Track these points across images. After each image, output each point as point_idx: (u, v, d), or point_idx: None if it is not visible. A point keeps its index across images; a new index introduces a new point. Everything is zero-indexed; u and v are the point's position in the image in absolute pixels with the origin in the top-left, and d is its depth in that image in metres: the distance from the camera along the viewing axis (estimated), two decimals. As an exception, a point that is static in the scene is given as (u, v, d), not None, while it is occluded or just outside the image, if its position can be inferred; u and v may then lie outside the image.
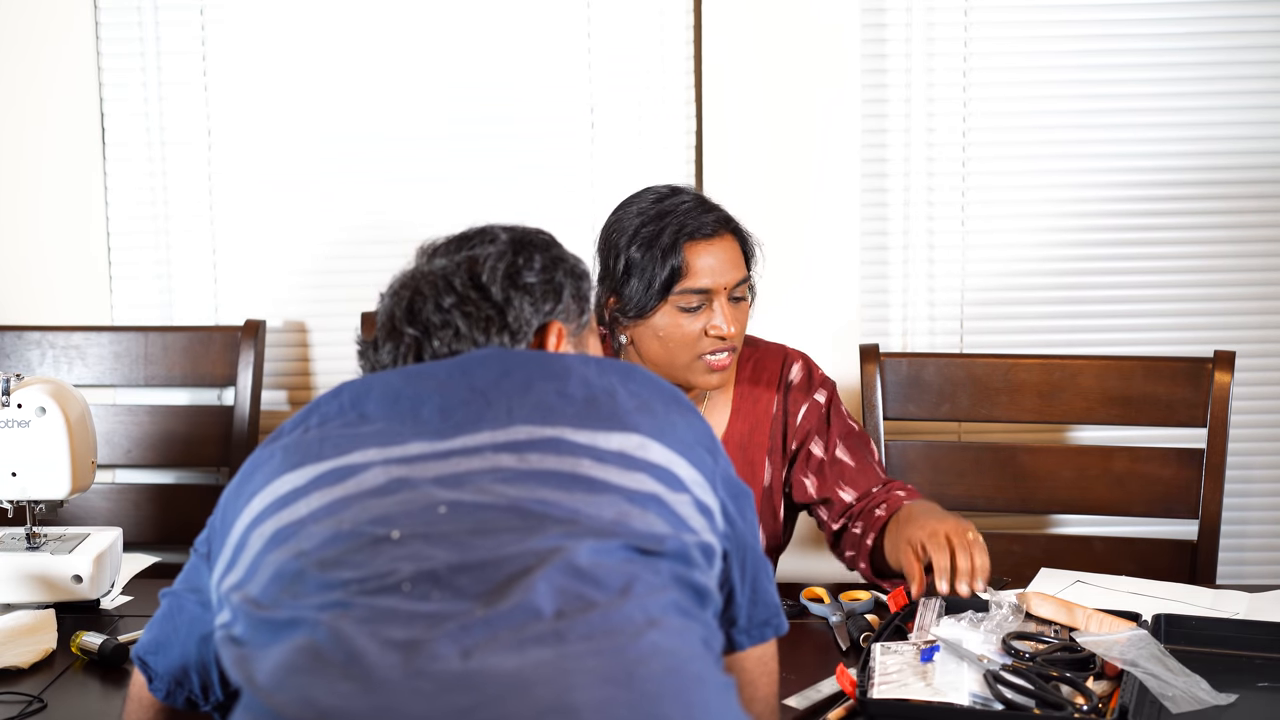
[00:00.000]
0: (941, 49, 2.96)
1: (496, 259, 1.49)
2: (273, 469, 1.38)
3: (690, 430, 1.42)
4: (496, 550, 1.26)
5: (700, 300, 2.11)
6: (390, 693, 1.16)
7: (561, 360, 1.42)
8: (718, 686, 1.25)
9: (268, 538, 1.33)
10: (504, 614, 1.20)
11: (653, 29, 2.95)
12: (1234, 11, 2.94)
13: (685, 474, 1.38)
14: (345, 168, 3.00)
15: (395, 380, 1.41)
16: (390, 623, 1.21)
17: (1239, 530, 3.04)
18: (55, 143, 2.96)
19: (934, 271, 3.01)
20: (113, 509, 2.91)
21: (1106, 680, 1.73)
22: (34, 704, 1.79)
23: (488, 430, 1.35)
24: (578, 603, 1.22)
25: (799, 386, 2.24)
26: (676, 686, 1.19)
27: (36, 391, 2.10)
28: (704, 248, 2.11)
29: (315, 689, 1.18)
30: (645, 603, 1.25)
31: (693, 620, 1.29)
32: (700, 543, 1.35)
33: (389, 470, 1.33)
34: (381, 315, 1.50)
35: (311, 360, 3.06)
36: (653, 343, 2.14)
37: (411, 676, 1.17)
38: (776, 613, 1.49)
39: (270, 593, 1.29)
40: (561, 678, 1.16)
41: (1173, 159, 2.98)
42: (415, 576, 1.24)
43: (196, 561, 1.49)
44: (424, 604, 1.22)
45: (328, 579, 1.27)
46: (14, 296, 2.99)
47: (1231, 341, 2.94)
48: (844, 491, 2.20)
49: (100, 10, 2.95)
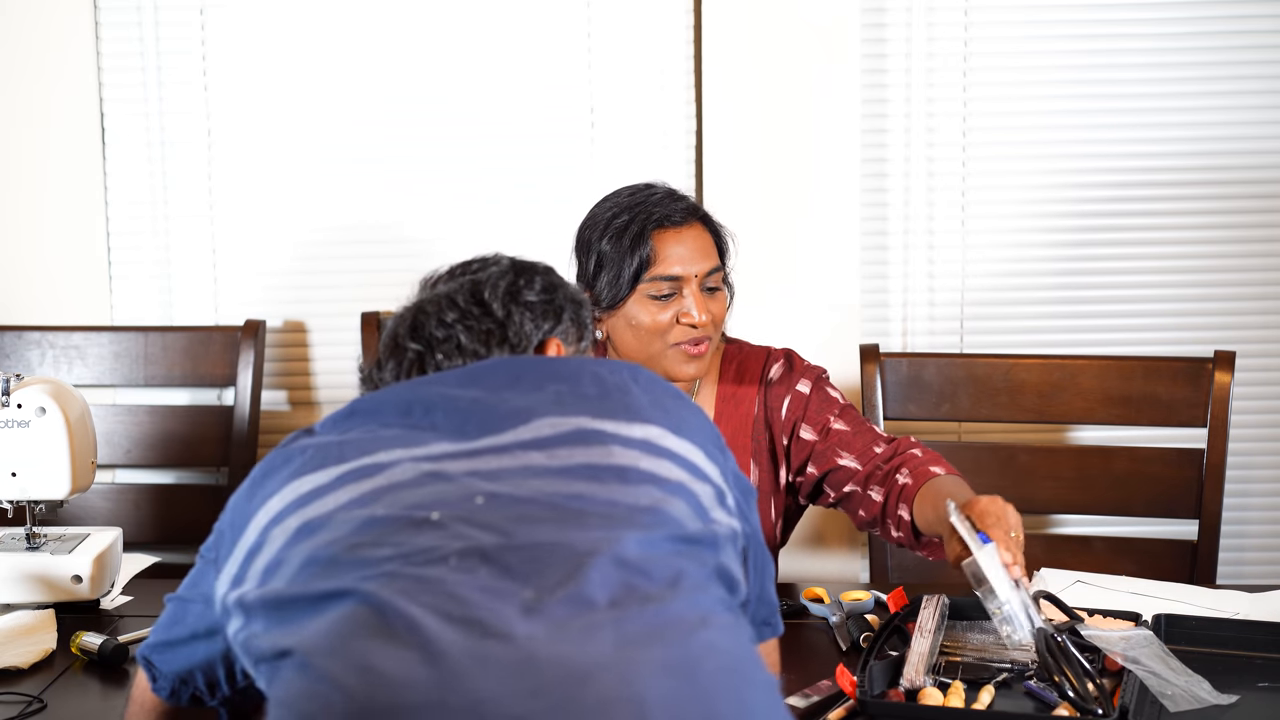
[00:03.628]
0: (941, 49, 2.96)
1: (498, 278, 1.52)
2: (291, 471, 1.37)
3: (701, 426, 1.44)
4: (541, 538, 1.26)
5: (671, 288, 2.11)
6: (453, 667, 1.15)
7: (568, 362, 1.44)
8: (766, 686, 1.25)
9: (293, 531, 1.32)
10: (559, 601, 1.20)
11: (653, 29, 2.95)
12: (1234, 11, 2.94)
13: (704, 465, 1.39)
14: (345, 167, 3.00)
15: (404, 392, 1.42)
16: (440, 594, 1.20)
17: (1239, 530, 3.04)
18: (55, 143, 2.96)
19: (934, 271, 3.01)
20: (113, 509, 2.91)
21: (1108, 678, 1.73)
22: (34, 704, 1.79)
23: (510, 430, 1.35)
24: (631, 594, 1.22)
25: (779, 381, 2.23)
26: (731, 685, 1.20)
27: (36, 391, 2.10)
28: (673, 235, 2.12)
29: (374, 655, 1.17)
30: (696, 598, 1.25)
31: (738, 617, 1.30)
32: (729, 532, 1.37)
33: (418, 466, 1.33)
34: (385, 338, 1.51)
35: (311, 360, 3.05)
36: (626, 333, 2.14)
37: (473, 652, 1.16)
38: (775, 612, 1.51)
39: (302, 578, 1.28)
40: (625, 667, 1.16)
41: (1173, 158, 2.98)
42: (462, 552, 1.24)
43: (203, 567, 1.48)
44: (472, 577, 1.22)
45: (367, 557, 1.25)
46: (14, 296, 2.99)
47: (1231, 341, 2.94)
48: (843, 458, 2.16)
49: (100, 10, 2.95)
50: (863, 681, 1.69)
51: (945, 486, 2.02)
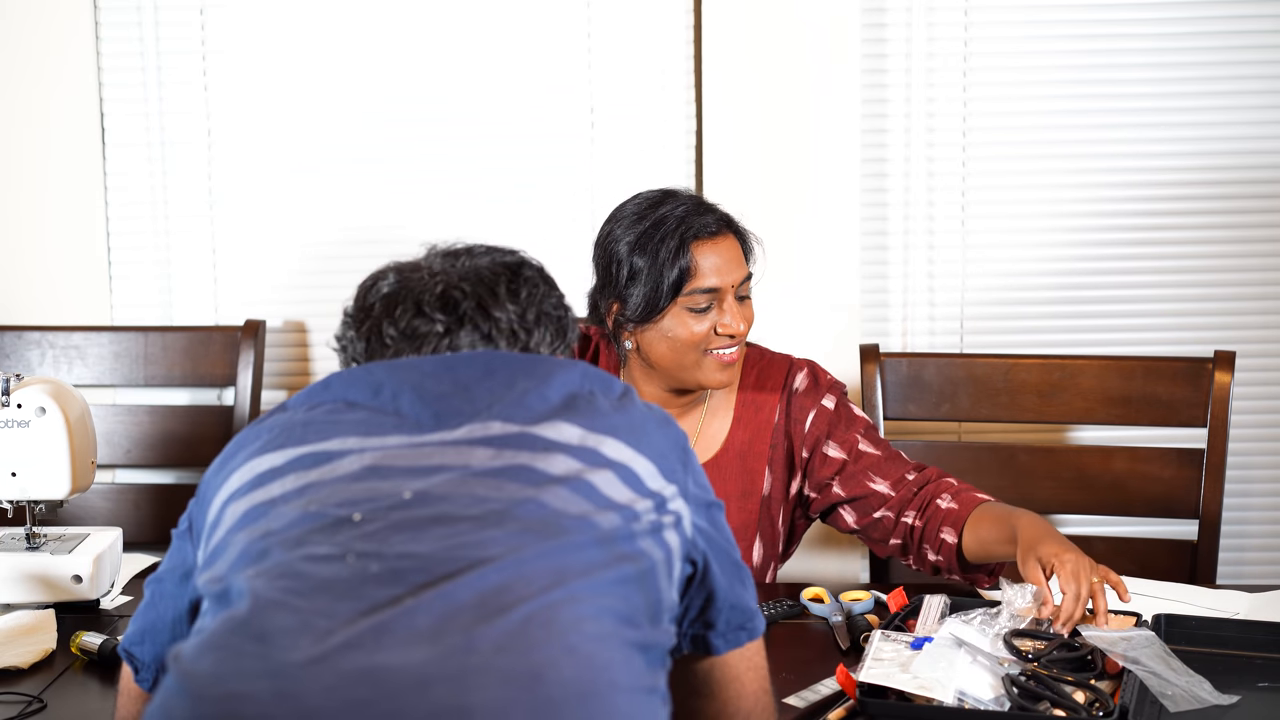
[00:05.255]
0: (941, 49, 2.96)
1: (540, 278, 1.52)
2: (255, 448, 1.39)
3: (665, 439, 1.42)
4: (449, 540, 1.26)
5: (708, 300, 2.11)
6: (292, 676, 1.16)
7: (546, 363, 1.43)
8: (637, 692, 1.24)
9: (239, 515, 1.34)
10: (427, 607, 1.20)
11: (653, 29, 2.95)
12: (1234, 11, 2.94)
13: (651, 479, 1.37)
14: (345, 167, 3.00)
15: (379, 372, 1.43)
16: (314, 598, 1.22)
17: (1239, 530, 3.04)
18: (56, 142, 2.96)
19: (934, 271, 3.01)
20: (113, 509, 2.91)
21: (1108, 679, 1.73)
22: (34, 704, 1.79)
23: (465, 425, 1.36)
24: (503, 601, 1.21)
25: (804, 393, 2.23)
26: (582, 693, 1.19)
27: (36, 391, 2.10)
28: (709, 247, 2.11)
29: (226, 664, 1.19)
30: (577, 607, 1.24)
31: (627, 625, 1.27)
32: (664, 549, 1.35)
33: (363, 459, 1.34)
34: (402, 293, 1.53)
35: (311, 360, 3.05)
36: (660, 345, 2.13)
37: (317, 661, 1.17)
38: (752, 617, 1.49)
39: (237, 567, 1.29)
40: (467, 676, 1.16)
41: (1173, 158, 2.98)
42: (362, 553, 1.25)
43: (179, 543, 1.49)
44: (356, 581, 1.23)
45: (275, 558, 1.27)
46: (14, 296, 2.99)
47: (1231, 341, 2.94)
48: (875, 483, 2.18)
49: (100, 10, 2.95)
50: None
51: (1002, 515, 2.06)
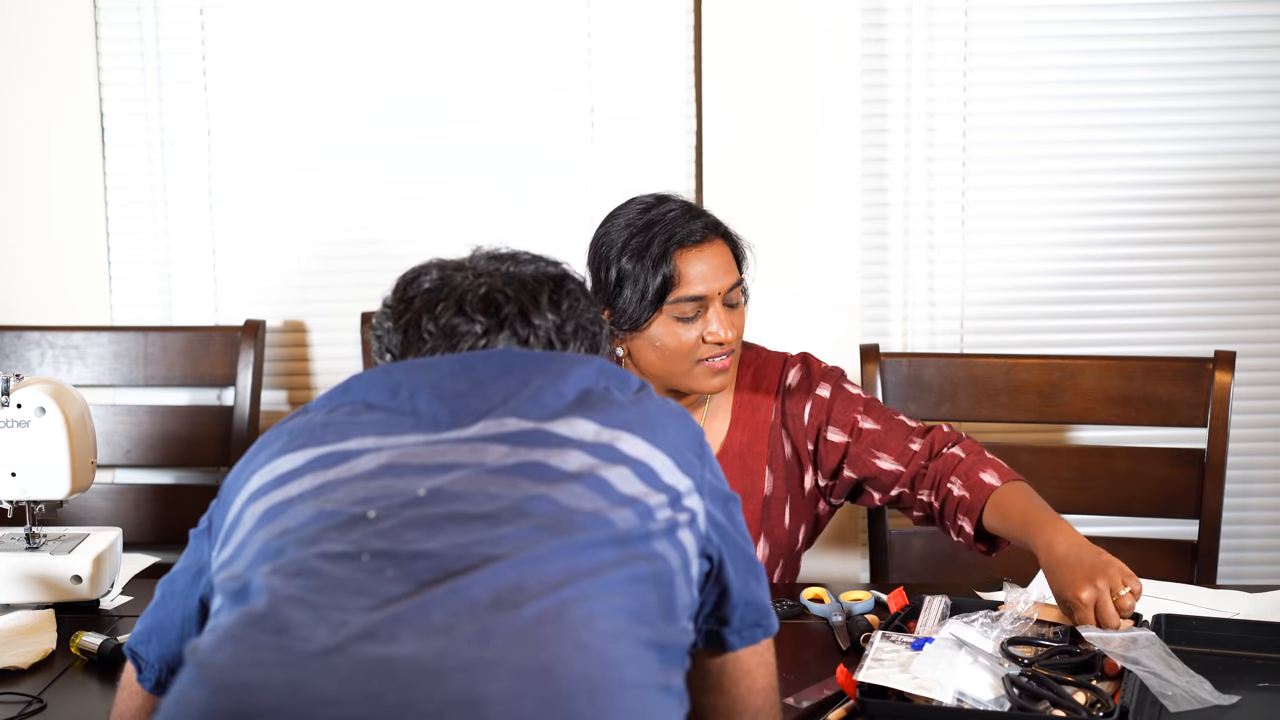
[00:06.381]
0: (941, 49, 2.96)
1: (580, 291, 1.53)
2: (275, 449, 1.40)
3: (681, 432, 1.42)
4: (462, 537, 1.26)
5: (695, 308, 2.09)
6: (306, 669, 1.17)
7: (562, 359, 1.43)
8: (649, 690, 1.24)
9: (259, 515, 1.35)
10: (439, 599, 1.21)
11: (653, 29, 2.95)
12: (1234, 12, 2.94)
13: (668, 474, 1.38)
14: (345, 167, 3.00)
15: (399, 373, 1.43)
16: (329, 593, 1.23)
17: (1239, 530, 3.04)
18: (55, 142, 2.96)
19: (934, 271, 3.01)
20: (112, 509, 2.91)
21: (1108, 680, 1.73)
22: (34, 704, 1.79)
23: (480, 422, 1.36)
24: (518, 596, 1.22)
25: (798, 388, 2.23)
26: (592, 688, 1.19)
27: (36, 391, 2.10)
28: (694, 254, 2.10)
29: (243, 657, 1.20)
30: (589, 604, 1.24)
31: (640, 623, 1.27)
32: (679, 545, 1.35)
33: (379, 457, 1.34)
34: (445, 291, 1.49)
35: (311, 360, 3.05)
36: (649, 353, 2.13)
37: (332, 651, 1.18)
38: (767, 614, 1.50)
39: (255, 564, 1.30)
40: (478, 668, 1.17)
41: (1173, 159, 2.98)
42: (377, 551, 1.26)
43: (196, 542, 1.49)
44: (372, 576, 1.24)
45: (293, 554, 1.28)
46: (14, 296, 2.99)
47: (1231, 341, 2.94)
48: (881, 460, 2.17)
49: (100, 10, 2.95)
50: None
51: (1015, 504, 2.05)
